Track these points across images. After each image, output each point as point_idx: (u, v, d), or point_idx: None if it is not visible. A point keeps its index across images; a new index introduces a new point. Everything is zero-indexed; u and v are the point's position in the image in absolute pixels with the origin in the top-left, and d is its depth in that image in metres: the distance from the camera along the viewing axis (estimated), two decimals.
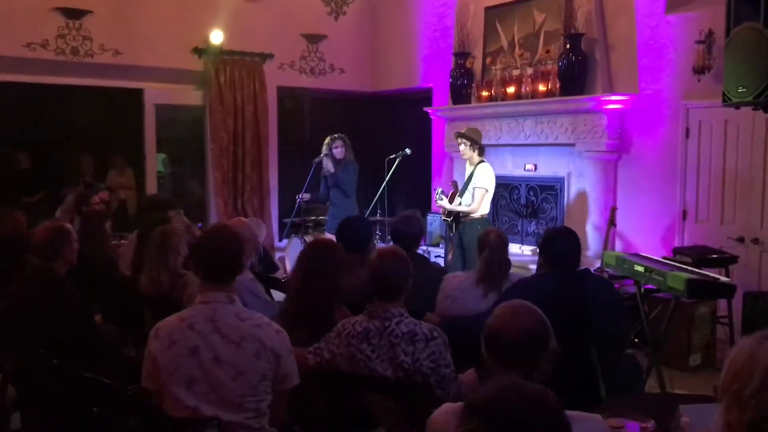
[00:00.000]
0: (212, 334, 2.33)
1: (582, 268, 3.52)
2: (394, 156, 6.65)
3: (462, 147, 6.33)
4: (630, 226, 6.49)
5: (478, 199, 6.05)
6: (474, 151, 6.28)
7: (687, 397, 2.73)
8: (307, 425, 2.90)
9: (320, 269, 3.11)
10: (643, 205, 6.47)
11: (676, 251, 5.67)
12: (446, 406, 1.99)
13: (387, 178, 6.63)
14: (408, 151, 6.69)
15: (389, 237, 6.79)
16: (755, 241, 5.67)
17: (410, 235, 4.02)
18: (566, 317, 3.22)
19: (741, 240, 5.74)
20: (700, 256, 5.37)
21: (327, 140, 7.12)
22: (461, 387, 2.79)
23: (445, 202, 6.34)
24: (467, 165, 6.49)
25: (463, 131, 6.44)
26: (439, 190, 6.52)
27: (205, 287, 2.42)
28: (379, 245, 5.59)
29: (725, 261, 5.45)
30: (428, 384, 2.69)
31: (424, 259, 4.44)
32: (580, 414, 1.90)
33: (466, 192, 6.20)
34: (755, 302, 5.10)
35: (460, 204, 6.23)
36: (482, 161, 6.29)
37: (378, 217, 7.44)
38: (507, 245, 3.74)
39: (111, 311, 4.23)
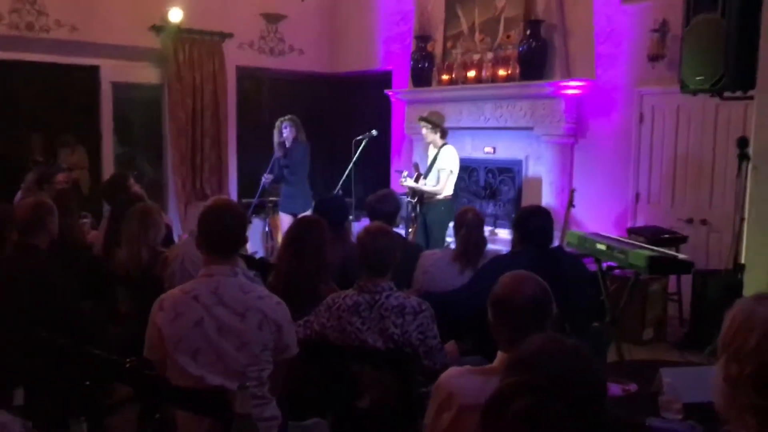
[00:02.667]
0: (216, 306, 2.41)
1: (554, 245, 3.69)
2: (361, 137, 6.73)
3: (424, 131, 6.47)
4: (585, 207, 6.73)
5: (443, 181, 6.20)
6: (436, 134, 6.43)
7: (666, 363, 2.93)
8: (296, 396, 2.99)
9: (307, 245, 3.20)
10: (597, 188, 6.72)
11: (631, 231, 5.93)
12: (453, 370, 2.11)
13: (354, 159, 6.71)
14: (375, 132, 6.77)
15: (353, 215, 6.93)
16: (703, 222, 5.97)
17: (386, 212, 4.13)
18: None
19: (690, 221, 6.04)
20: (653, 236, 5.63)
21: (277, 123, 7.13)
22: (447, 357, 2.93)
23: (410, 182, 6.46)
24: (431, 148, 6.62)
25: (425, 115, 6.56)
26: (405, 173, 6.63)
27: (209, 260, 2.48)
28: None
29: (676, 240, 5.73)
30: (417, 354, 2.81)
31: (400, 237, 4.56)
32: None
33: (431, 174, 6.34)
34: (704, 280, 5.38)
35: (425, 185, 6.36)
36: (446, 144, 6.43)
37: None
38: (483, 224, 3.89)
39: (85, 289, 4.22)
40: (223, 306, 2.41)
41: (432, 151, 6.54)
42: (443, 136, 6.47)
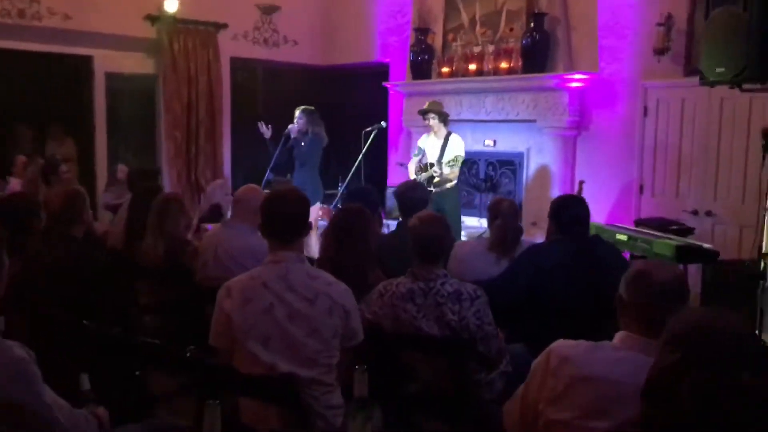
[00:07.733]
0: (286, 292, 2.37)
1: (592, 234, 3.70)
2: (370, 129, 6.71)
3: (432, 122, 6.49)
4: (589, 199, 6.71)
5: (457, 167, 6.26)
6: (442, 123, 6.49)
7: None
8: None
9: (352, 234, 3.16)
10: (601, 180, 6.77)
11: (638, 222, 5.98)
12: (565, 341, 2.00)
13: (363, 151, 6.68)
14: (384, 123, 6.77)
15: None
16: (708, 213, 6.04)
17: (420, 199, 4.13)
18: (580, 279, 3.41)
19: (695, 213, 6.11)
20: (660, 227, 5.65)
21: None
22: (501, 343, 2.92)
23: (427, 172, 6.43)
24: (432, 137, 6.62)
25: (426, 107, 6.59)
26: (415, 159, 6.63)
27: (275, 246, 2.44)
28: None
29: (684, 232, 5.76)
30: (473, 340, 2.80)
31: None
32: None
33: (444, 161, 6.31)
34: (712, 271, 5.43)
35: (440, 173, 6.34)
36: (450, 132, 6.51)
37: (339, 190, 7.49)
38: (518, 213, 3.89)
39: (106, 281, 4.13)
40: (293, 292, 2.37)
41: (435, 140, 6.55)
42: (446, 124, 6.53)
